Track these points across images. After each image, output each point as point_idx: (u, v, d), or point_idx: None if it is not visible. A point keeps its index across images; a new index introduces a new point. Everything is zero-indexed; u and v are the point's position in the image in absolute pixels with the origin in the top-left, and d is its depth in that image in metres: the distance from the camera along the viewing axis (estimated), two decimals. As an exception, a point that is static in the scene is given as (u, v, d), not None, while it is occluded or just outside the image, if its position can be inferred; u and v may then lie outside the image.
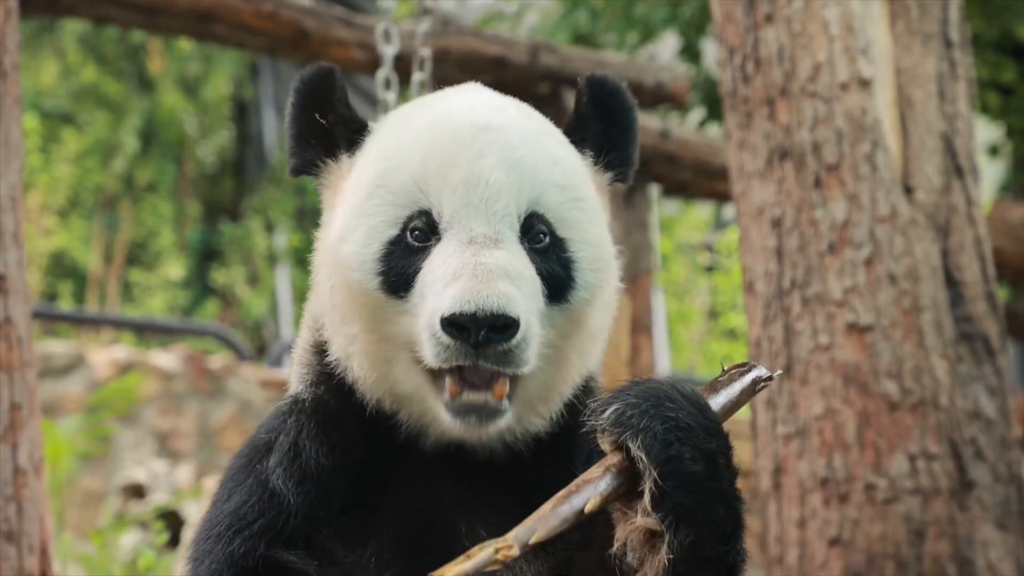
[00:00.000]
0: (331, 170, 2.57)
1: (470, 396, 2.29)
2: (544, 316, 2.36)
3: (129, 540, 7.67)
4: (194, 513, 7.73)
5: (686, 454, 2.13)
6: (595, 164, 2.57)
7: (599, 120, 2.57)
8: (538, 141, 2.45)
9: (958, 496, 4.00)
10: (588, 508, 2.10)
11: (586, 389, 2.52)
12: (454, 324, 2.22)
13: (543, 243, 2.39)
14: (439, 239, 2.35)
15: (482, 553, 2.02)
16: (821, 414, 4.09)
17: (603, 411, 2.16)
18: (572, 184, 2.45)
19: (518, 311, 2.23)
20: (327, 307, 2.49)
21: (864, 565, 3.98)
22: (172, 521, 7.74)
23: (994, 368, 4.13)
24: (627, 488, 2.15)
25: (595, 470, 2.15)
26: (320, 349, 2.53)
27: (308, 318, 2.60)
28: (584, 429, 2.20)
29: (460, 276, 2.25)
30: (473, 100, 2.52)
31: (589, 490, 2.12)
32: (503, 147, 2.39)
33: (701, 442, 2.15)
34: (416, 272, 2.35)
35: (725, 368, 2.32)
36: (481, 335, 2.22)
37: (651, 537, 2.14)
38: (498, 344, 2.24)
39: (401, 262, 2.37)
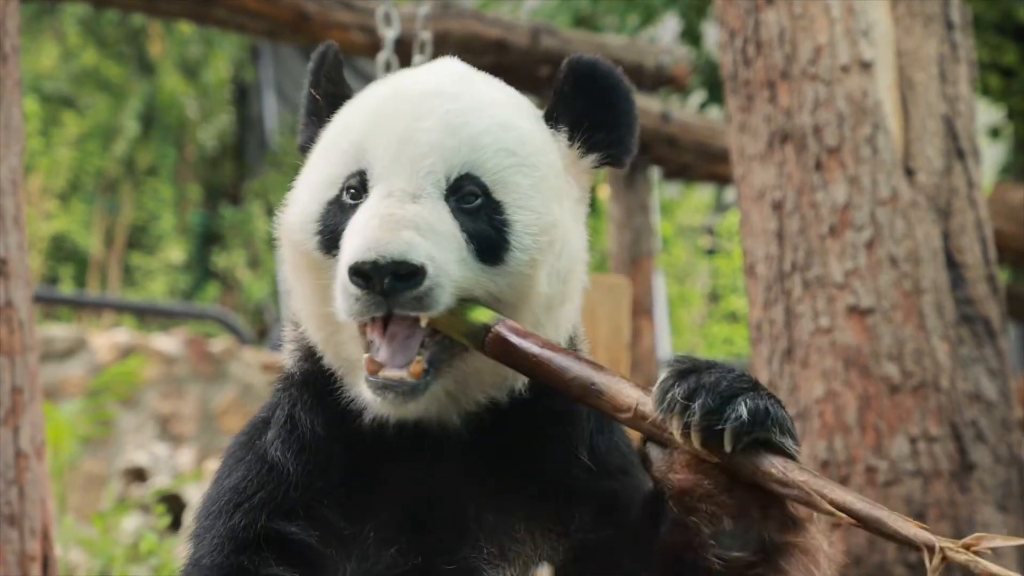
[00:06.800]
0: None
1: (387, 373, 2.29)
2: (478, 274, 2.35)
3: (131, 523, 7.68)
4: (195, 496, 7.74)
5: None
6: (571, 143, 2.53)
7: (580, 100, 2.53)
8: (490, 108, 2.45)
9: (959, 478, 4.00)
10: None
11: None
12: (359, 273, 2.23)
13: (473, 204, 2.37)
14: (368, 196, 2.37)
15: None
16: (822, 397, 4.09)
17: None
18: (522, 152, 2.42)
19: (421, 257, 2.23)
20: (287, 275, 2.52)
21: (865, 547, 3.99)
22: (174, 504, 7.76)
23: (995, 350, 4.13)
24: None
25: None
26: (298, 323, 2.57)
27: None
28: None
29: (367, 226, 2.26)
30: (436, 71, 2.54)
31: None
32: (447, 111, 2.40)
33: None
34: (344, 229, 2.36)
35: None
36: (386, 283, 2.22)
37: None
38: (406, 292, 2.24)
39: (334, 220, 2.39)
